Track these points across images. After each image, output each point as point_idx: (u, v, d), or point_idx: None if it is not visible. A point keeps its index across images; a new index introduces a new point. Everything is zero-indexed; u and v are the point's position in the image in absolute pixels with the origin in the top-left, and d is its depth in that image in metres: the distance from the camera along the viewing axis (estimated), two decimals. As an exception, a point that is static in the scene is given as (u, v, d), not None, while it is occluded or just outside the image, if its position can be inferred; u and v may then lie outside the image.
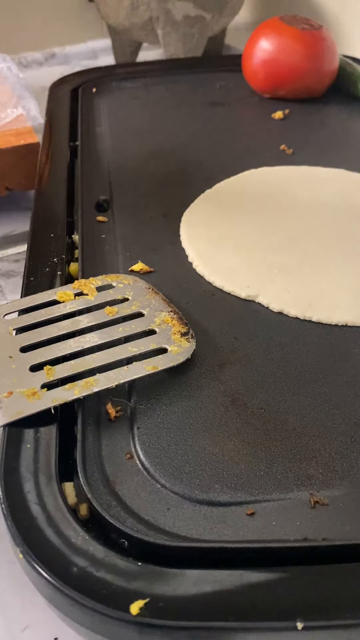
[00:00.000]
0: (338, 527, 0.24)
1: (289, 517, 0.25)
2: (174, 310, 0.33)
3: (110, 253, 0.39)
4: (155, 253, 0.39)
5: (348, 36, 0.71)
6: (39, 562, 0.22)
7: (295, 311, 0.34)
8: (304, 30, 0.56)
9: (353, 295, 0.35)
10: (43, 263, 0.37)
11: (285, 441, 0.27)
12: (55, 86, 0.61)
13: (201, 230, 0.40)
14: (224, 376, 0.31)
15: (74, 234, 0.41)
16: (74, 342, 0.31)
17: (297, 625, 0.21)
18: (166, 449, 0.27)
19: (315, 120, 0.54)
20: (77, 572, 0.22)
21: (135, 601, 0.21)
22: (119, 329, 0.32)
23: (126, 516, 0.24)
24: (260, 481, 0.26)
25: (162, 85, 0.61)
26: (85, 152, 0.49)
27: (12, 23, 0.81)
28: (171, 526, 0.24)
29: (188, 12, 0.66)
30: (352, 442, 0.27)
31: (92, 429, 0.28)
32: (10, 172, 0.49)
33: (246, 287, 0.36)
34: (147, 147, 0.50)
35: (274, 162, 0.48)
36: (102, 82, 0.61)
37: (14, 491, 0.25)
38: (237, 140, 0.51)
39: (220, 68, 0.65)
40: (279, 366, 0.31)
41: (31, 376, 0.29)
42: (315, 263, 0.37)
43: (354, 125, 0.54)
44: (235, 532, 0.24)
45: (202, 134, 0.52)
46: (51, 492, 0.25)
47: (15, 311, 0.33)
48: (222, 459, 0.27)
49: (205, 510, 0.25)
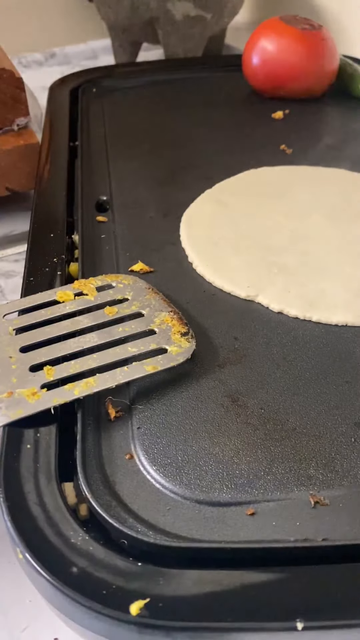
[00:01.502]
0: (338, 527, 0.24)
1: (289, 517, 0.25)
2: (174, 310, 0.33)
3: (110, 253, 0.39)
4: (155, 253, 0.39)
5: (348, 36, 0.71)
6: (39, 562, 0.22)
7: (295, 311, 0.34)
8: (304, 30, 0.56)
9: (353, 295, 0.35)
10: (43, 263, 0.37)
11: (285, 441, 0.27)
12: (55, 86, 0.61)
13: (201, 230, 0.40)
14: (224, 376, 0.31)
15: (74, 234, 0.41)
16: (74, 342, 0.31)
17: (297, 625, 0.21)
18: (166, 449, 0.27)
19: (315, 120, 0.54)
20: (77, 572, 0.22)
21: (135, 601, 0.21)
22: (118, 329, 0.32)
23: (126, 516, 0.24)
24: (260, 481, 0.26)
25: (162, 85, 0.61)
26: (85, 152, 0.49)
27: (12, 23, 0.81)
28: (171, 526, 0.24)
29: (188, 12, 0.66)
30: (352, 442, 0.27)
31: (92, 429, 0.28)
32: (11, 172, 0.49)
33: (246, 287, 0.36)
34: (147, 147, 0.50)
35: (274, 162, 0.48)
36: (102, 82, 0.61)
37: (14, 491, 0.25)
38: (237, 140, 0.51)
39: (220, 68, 0.65)
40: (279, 366, 0.31)
41: (31, 376, 0.29)
42: (315, 263, 0.37)
43: (354, 125, 0.54)
44: (235, 532, 0.24)
45: (202, 134, 0.52)
46: (51, 492, 0.25)
47: (15, 311, 0.33)
48: (222, 459, 0.27)
49: (205, 511, 0.25)
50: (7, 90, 0.47)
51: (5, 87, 0.47)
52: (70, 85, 0.60)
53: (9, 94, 0.47)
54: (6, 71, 0.46)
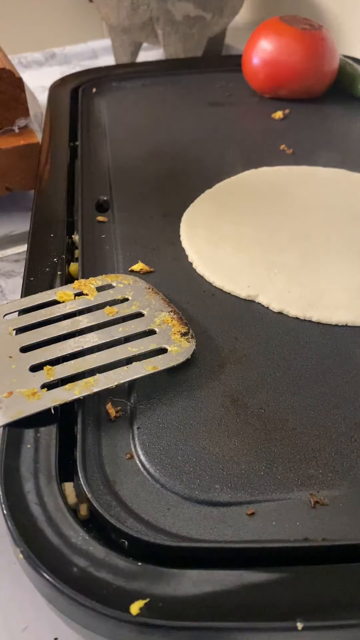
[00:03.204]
0: (338, 527, 0.24)
1: (289, 517, 0.25)
2: (174, 310, 0.33)
3: (110, 253, 0.39)
4: (155, 253, 0.39)
5: (348, 36, 0.71)
6: (39, 562, 0.22)
7: (295, 311, 0.34)
8: (304, 30, 0.56)
9: (353, 295, 0.35)
10: (43, 263, 0.37)
11: (285, 441, 0.27)
12: (55, 86, 0.61)
13: (201, 230, 0.40)
14: (224, 376, 0.31)
15: (74, 234, 0.41)
16: (74, 342, 0.31)
17: (297, 625, 0.21)
18: (166, 449, 0.27)
19: (315, 120, 0.54)
20: (77, 572, 0.22)
21: (135, 601, 0.21)
22: (119, 329, 0.32)
23: (126, 516, 0.24)
24: (260, 481, 0.26)
25: (162, 85, 0.61)
26: (85, 152, 0.49)
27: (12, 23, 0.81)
28: (171, 526, 0.24)
29: (188, 12, 0.66)
30: (352, 442, 0.27)
31: (92, 429, 0.28)
32: (11, 172, 0.49)
33: (246, 287, 0.36)
34: (147, 147, 0.50)
35: (274, 162, 0.48)
36: (102, 82, 0.61)
37: (14, 491, 0.25)
38: (237, 140, 0.51)
39: (220, 68, 0.65)
40: (279, 366, 0.31)
41: (31, 376, 0.29)
42: (315, 263, 0.37)
43: (354, 125, 0.54)
44: (235, 532, 0.24)
45: (202, 134, 0.52)
46: (51, 492, 0.25)
47: (15, 311, 0.33)
48: (222, 459, 0.27)
49: (205, 511, 0.25)
50: (7, 90, 0.47)
51: (5, 87, 0.47)
52: (70, 85, 0.60)
53: (9, 94, 0.47)
54: (6, 71, 0.46)
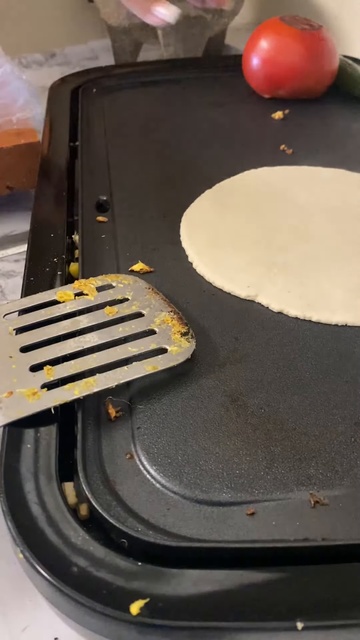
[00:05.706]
0: (338, 527, 0.24)
1: (289, 517, 0.25)
2: (174, 310, 0.33)
3: (110, 253, 0.39)
4: (155, 253, 0.39)
5: (348, 36, 0.71)
6: (39, 562, 0.22)
7: (295, 311, 0.34)
8: (304, 30, 0.56)
9: (353, 295, 0.35)
10: (43, 263, 0.37)
11: (285, 441, 0.27)
12: (55, 86, 0.61)
13: (201, 230, 0.40)
14: (224, 376, 0.31)
15: (74, 234, 0.41)
16: (74, 342, 0.31)
17: (297, 625, 0.21)
18: (166, 449, 0.27)
19: (315, 120, 0.54)
20: (77, 572, 0.22)
21: (135, 601, 0.21)
22: (118, 329, 0.32)
23: (126, 516, 0.24)
24: (260, 481, 0.26)
25: (162, 85, 0.61)
26: (85, 152, 0.49)
27: (12, 23, 0.81)
28: (171, 526, 0.24)
29: (188, 12, 0.66)
30: (352, 442, 0.27)
31: (92, 429, 0.28)
32: (12, 171, 0.49)
33: (246, 287, 0.36)
34: (147, 147, 0.50)
35: (274, 162, 0.48)
36: (102, 82, 0.61)
37: (14, 491, 0.25)
38: (237, 140, 0.51)
39: (220, 68, 0.65)
40: (279, 366, 0.31)
41: (31, 376, 0.29)
42: (315, 263, 0.37)
43: (354, 125, 0.54)
44: (235, 532, 0.24)
45: (202, 134, 0.52)
46: (51, 492, 0.25)
47: (15, 311, 0.33)
48: (222, 459, 0.27)
49: (205, 510, 0.25)
50: None
51: None
52: (71, 85, 0.60)
53: None
54: None
